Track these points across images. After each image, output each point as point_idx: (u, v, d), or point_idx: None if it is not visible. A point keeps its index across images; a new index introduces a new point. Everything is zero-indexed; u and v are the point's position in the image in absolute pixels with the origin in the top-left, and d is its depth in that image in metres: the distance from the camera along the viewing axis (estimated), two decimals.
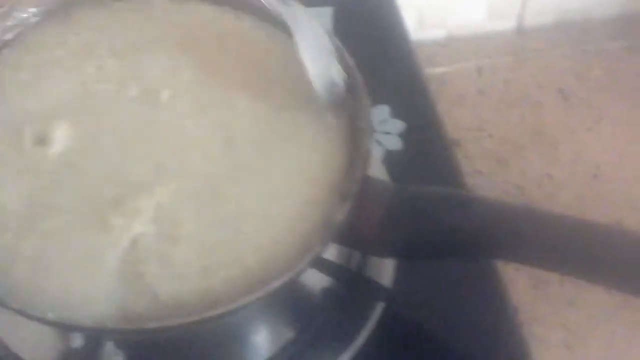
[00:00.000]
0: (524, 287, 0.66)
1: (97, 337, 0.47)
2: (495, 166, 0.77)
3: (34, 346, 0.50)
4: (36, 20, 0.52)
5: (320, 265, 0.50)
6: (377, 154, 0.66)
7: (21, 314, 0.39)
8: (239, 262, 0.42)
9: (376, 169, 0.58)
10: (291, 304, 0.53)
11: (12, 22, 0.51)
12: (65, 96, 0.48)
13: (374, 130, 0.67)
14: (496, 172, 0.77)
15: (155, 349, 0.49)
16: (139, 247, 0.42)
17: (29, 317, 0.39)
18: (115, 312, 0.40)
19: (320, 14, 0.75)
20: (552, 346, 0.63)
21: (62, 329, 0.48)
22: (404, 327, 0.55)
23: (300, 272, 0.41)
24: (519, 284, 0.66)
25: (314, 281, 0.53)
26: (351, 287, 0.54)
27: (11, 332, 0.51)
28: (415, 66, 0.76)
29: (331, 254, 0.53)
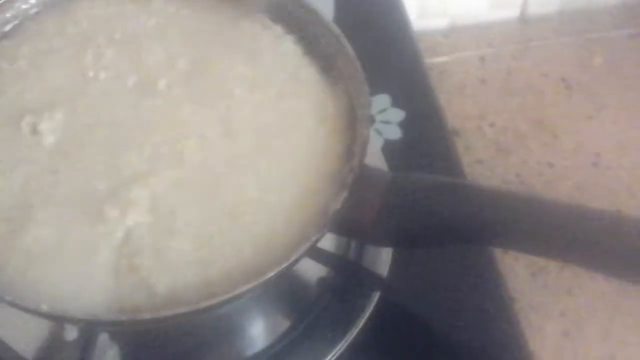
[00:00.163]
0: (523, 275, 0.66)
1: (91, 329, 0.47)
2: (495, 155, 0.77)
3: (28, 338, 0.50)
4: (35, 11, 0.52)
5: (316, 255, 0.50)
6: (377, 143, 0.65)
7: (14, 306, 0.39)
8: (236, 253, 0.42)
9: (375, 158, 0.58)
10: (287, 293, 0.53)
11: (12, 13, 0.52)
12: (63, 86, 0.48)
13: (373, 119, 0.67)
14: (497, 161, 0.76)
15: (150, 341, 0.49)
16: (134, 238, 0.42)
17: (23, 309, 0.39)
18: (110, 304, 0.40)
19: (321, 2, 0.75)
20: (550, 334, 0.63)
21: (56, 321, 0.47)
22: (401, 317, 0.55)
23: (296, 262, 0.41)
24: (518, 273, 0.66)
25: (311, 271, 0.53)
26: (347, 277, 0.54)
27: (5, 324, 0.50)
28: (416, 55, 0.76)
29: (327, 243, 0.53)
